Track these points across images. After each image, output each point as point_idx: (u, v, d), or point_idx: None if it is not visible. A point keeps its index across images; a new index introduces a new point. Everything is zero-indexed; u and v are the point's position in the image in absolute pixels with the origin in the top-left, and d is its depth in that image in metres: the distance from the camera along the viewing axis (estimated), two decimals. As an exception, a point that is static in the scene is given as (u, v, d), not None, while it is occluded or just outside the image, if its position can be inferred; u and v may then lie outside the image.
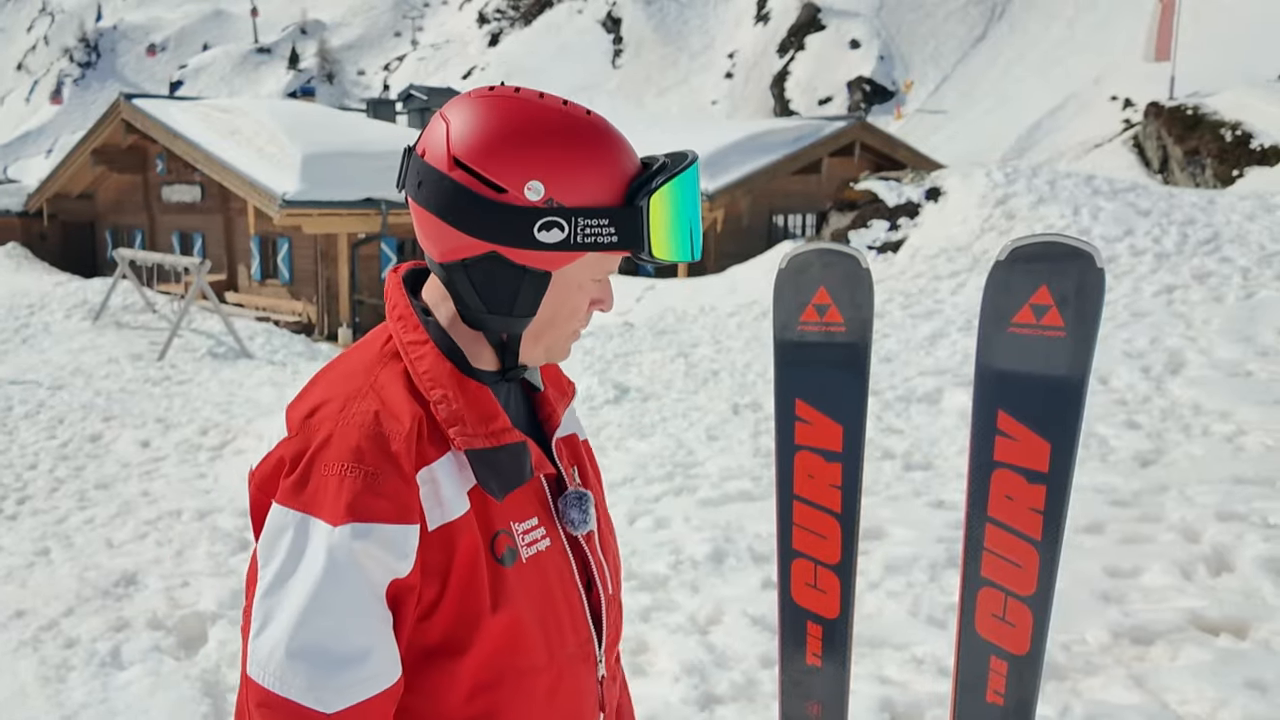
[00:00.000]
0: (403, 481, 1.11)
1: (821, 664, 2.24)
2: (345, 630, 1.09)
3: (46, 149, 53.82)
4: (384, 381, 1.19)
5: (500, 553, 1.19)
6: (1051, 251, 1.81)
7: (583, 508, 1.30)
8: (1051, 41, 49.34)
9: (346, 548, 1.08)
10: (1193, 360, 7.58)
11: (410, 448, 1.13)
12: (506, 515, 1.21)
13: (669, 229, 1.19)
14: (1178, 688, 3.34)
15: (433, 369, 1.19)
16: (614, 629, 1.40)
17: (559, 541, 1.28)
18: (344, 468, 1.10)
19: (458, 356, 1.23)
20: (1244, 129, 21.96)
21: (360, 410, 1.15)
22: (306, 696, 1.07)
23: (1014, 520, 1.94)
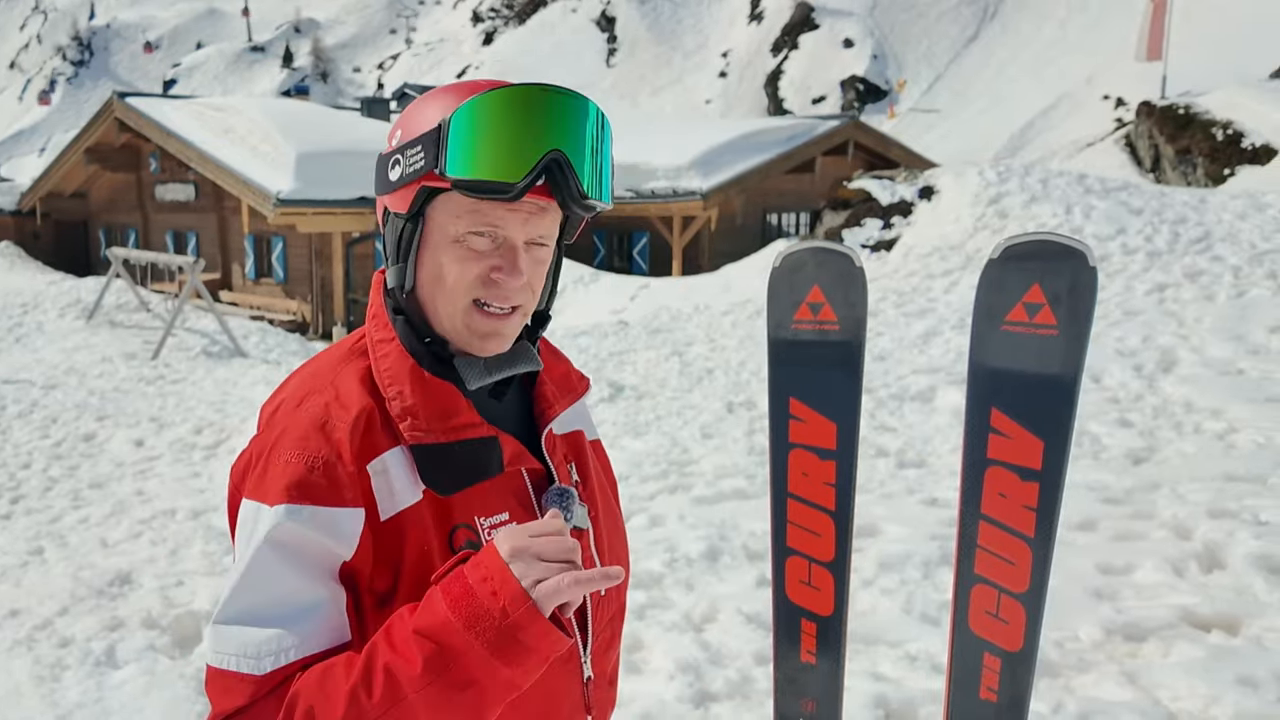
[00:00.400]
0: (344, 468, 1.14)
1: (816, 661, 2.25)
2: (279, 601, 1.11)
3: (40, 147, 53.60)
4: (344, 377, 1.23)
5: (458, 546, 1.19)
6: (1044, 250, 1.82)
7: (564, 504, 1.27)
8: (1044, 41, 49.40)
9: (281, 526, 1.11)
10: (1184, 358, 7.61)
11: (355, 437, 1.16)
12: (470, 509, 1.21)
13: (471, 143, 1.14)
14: (1170, 684, 3.36)
15: (394, 366, 1.22)
16: (606, 632, 1.37)
17: None
18: (290, 455, 1.15)
19: (429, 353, 1.25)
20: (1235, 128, 22.02)
21: (313, 404, 1.20)
22: (240, 663, 1.10)
23: (1007, 517, 1.95)
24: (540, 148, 1.14)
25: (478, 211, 1.17)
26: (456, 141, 1.15)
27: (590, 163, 1.18)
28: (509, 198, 1.15)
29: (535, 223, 1.20)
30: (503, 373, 1.27)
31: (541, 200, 1.18)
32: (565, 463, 1.34)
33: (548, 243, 1.24)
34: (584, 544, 1.31)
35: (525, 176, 1.13)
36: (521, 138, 1.14)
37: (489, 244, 1.19)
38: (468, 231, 1.18)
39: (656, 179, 20.52)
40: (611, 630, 1.39)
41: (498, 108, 1.15)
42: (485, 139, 1.14)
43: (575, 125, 1.17)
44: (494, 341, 1.23)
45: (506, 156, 1.14)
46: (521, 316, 1.25)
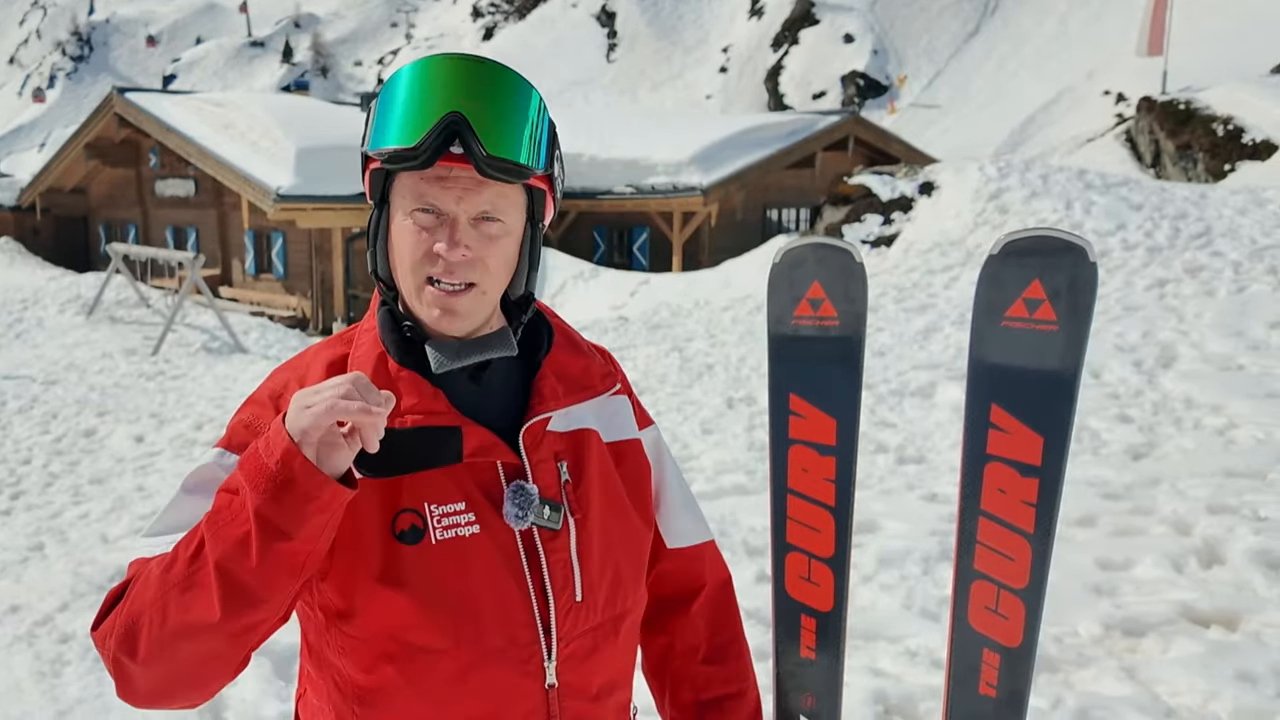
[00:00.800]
0: None
1: (815, 657, 2.25)
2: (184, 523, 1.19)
3: (39, 143, 53.60)
4: (316, 361, 1.29)
5: (400, 529, 1.21)
6: (1044, 246, 1.81)
7: (519, 502, 1.24)
8: (1044, 36, 49.36)
9: (206, 465, 1.23)
10: (1184, 354, 7.60)
11: None
12: (421, 495, 1.21)
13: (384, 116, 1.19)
14: (1169, 679, 3.36)
15: (364, 353, 1.26)
16: (585, 640, 1.30)
17: (498, 533, 1.24)
18: (239, 416, 1.27)
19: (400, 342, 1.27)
20: (1236, 124, 21.99)
21: (278, 379, 1.30)
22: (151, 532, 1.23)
23: (1007, 513, 1.95)
24: (439, 109, 1.16)
25: (417, 188, 1.20)
26: (378, 117, 1.20)
27: (498, 123, 1.18)
28: (418, 163, 1.17)
29: (473, 197, 1.20)
30: (473, 357, 1.25)
31: (474, 174, 1.19)
32: (554, 460, 1.30)
33: (501, 219, 1.22)
34: (557, 545, 1.28)
35: (424, 138, 1.15)
36: (424, 103, 1.17)
37: (433, 220, 1.20)
38: (412, 209, 1.21)
39: (656, 175, 20.51)
40: (594, 640, 1.32)
41: (407, 79, 1.19)
42: (394, 110, 1.18)
43: (478, 87, 1.18)
44: (450, 319, 1.23)
45: (409, 123, 1.17)
46: (480, 295, 1.23)
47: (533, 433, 1.28)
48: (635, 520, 1.39)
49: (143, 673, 1.13)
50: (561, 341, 1.38)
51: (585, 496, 1.32)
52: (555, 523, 1.27)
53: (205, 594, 1.07)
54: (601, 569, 1.32)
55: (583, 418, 1.36)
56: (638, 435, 1.45)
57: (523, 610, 1.25)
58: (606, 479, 1.36)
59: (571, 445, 1.33)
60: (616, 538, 1.35)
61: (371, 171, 1.24)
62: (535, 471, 1.27)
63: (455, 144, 1.17)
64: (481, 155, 1.16)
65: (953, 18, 55.25)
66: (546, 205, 1.30)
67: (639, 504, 1.41)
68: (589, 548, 1.31)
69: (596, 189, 20.73)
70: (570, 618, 1.29)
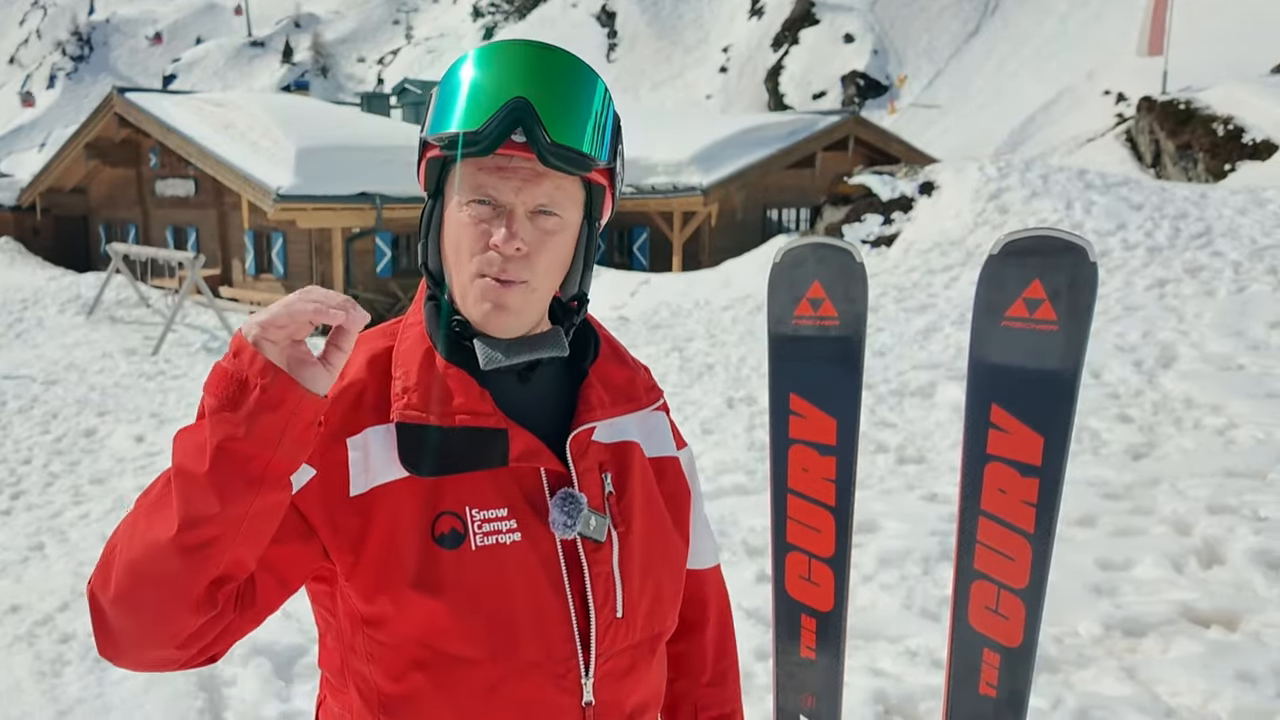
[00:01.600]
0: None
1: (816, 657, 2.25)
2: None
3: (40, 143, 53.62)
4: (358, 354, 1.24)
5: (440, 532, 1.17)
6: (1044, 246, 1.82)
7: (568, 510, 1.20)
8: (1044, 36, 49.34)
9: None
10: (1184, 354, 7.60)
11: (337, 407, 1.18)
12: (463, 498, 1.18)
13: (447, 102, 1.16)
14: (1169, 679, 3.36)
15: (410, 348, 1.23)
16: (624, 658, 1.27)
17: (540, 542, 1.21)
18: None
19: (448, 338, 1.24)
20: (1236, 123, 21.99)
21: None
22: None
23: (1007, 513, 1.95)
24: (505, 94, 1.13)
25: (475, 178, 1.17)
26: (439, 103, 1.18)
27: (564, 111, 1.15)
28: (480, 149, 1.13)
29: (532, 189, 1.16)
30: (522, 356, 1.22)
31: (536, 164, 1.16)
32: (599, 471, 1.27)
33: (559, 213, 1.19)
34: (600, 558, 1.24)
35: (487, 122, 1.12)
36: (488, 88, 1.14)
37: (490, 212, 1.17)
38: (469, 199, 1.17)
39: (657, 174, 20.51)
40: (632, 659, 1.29)
41: (472, 65, 1.16)
42: (456, 95, 1.15)
43: (544, 73, 1.15)
44: (500, 316, 1.19)
45: (472, 107, 1.14)
46: (530, 293, 1.19)
47: (579, 441, 1.25)
48: (675, 538, 1.36)
49: (113, 611, 1.09)
50: (608, 351, 1.35)
51: (629, 509, 1.29)
52: (600, 534, 1.23)
53: (167, 510, 1.03)
54: (643, 585, 1.29)
55: (626, 430, 1.33)
56: (676, 454, 1.42)
57: (561, 623, 1.22)
58: (649, 493, 1.33)
59: (615, 457, 1.30)
60: (658, 554, 1.32)
61: (428, 160, 1.21)
62: (581, 481, 1.24)
63: (517, 133, 1.13)
64: (546, 143, 1.13)
65: (953, 18, 55.24)
66: (605, 203, 1.26)
67: (678, 522, 1.38)
68: (631, 563, 1.27)
69: (596, 188, 20.72)
70: (610, 634, 1.25)
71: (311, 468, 1.16)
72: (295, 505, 1.16)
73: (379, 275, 20.52)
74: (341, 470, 1.17)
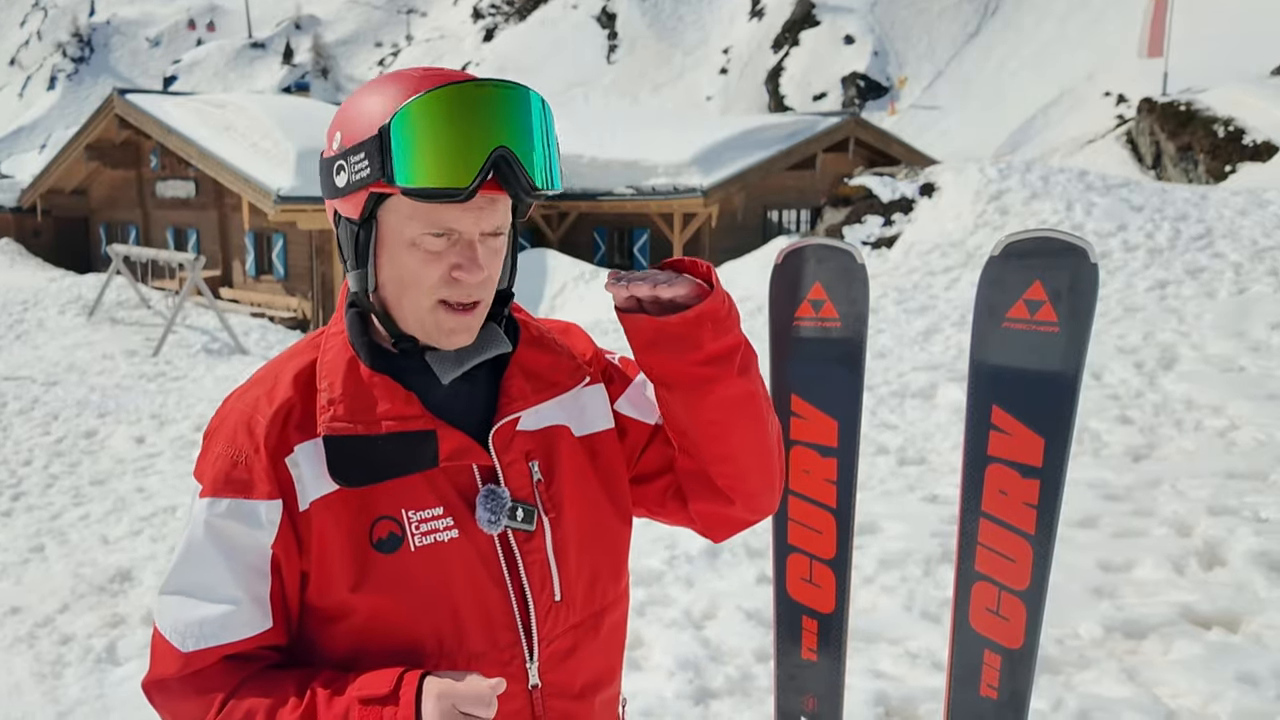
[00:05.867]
0: (260, 462, 1.20)
1: (817, 658, 2.25)
2: (206, 585, 1.21)
3: (40, 144, 53.58)
4: (285, 371, 1.27)
5: (378, 537, 1.20)
6: (1045, 247, 1.81)
7: (491, 507, 1.24)
8: (1045, 38, 49.34)
9: (206, 516, 1.21)
10: (1185, 355, 7.60)
11: (273, 432, 1.21)
12: (399, 501, 1.21)
13: (417, 150, 1.12)
14: (1170, 681, 3.36)
15: (333, 360, 1.25)
16: (565, 640, 1.31)
17: (476, 536, 1.24)
18: (219, 448, 1.24)
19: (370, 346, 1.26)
20: (1236, 125, 22.00)
21: (249, 396, 1.27)
22: (171, 635, 1.22)
23: (1008, 515, 1.95)
24: (485, 147, 1.13)
25: (430, 213, 1.17)
26: (401, 149, 1.13)
27: (539, 153, 1.17)
28: (460, 199, 1.14)
29: (489, 216, 1.19)
30: (474, 360, 1.26)
31: (493, 194, 1.17)
32: (525, 461, 1.30)
33: (503, 231, 1.23)
34: (533, 547, 1.28)
35: (474, 179, 1.13)
36: (466, 139, 1.13)
37: (445, 243, 1.19)
38: (423, 233, 1.18)
39: (657, 176, 20.49)
40: (575, 639, 1.33)
41: (438, 109, 1.13)
42: (429, 144, 1.13)
43: (518, 118, 1.16)
44: (462, 336, 1.24)
45: (453, 160, 1.12)
46: (484, 307, 1.25)
47: (502, 434, 1.28)
48: (610, 515, 1.38)
49: None
50: (528, 338, 1.36)
51: (558, 495, 1.32)
52: (529, 524, 1.27)
53: None
54: (579, 566, 1.33)
55: (552, 414, 1.35)
56: (610, 426, 1.42)
57: (503, 613, 1.26)
58: (580, 475, 1.35)
59: (543, 443, 1.33)
60: (592, 534, 1.35)
61: (370, 193, 1.18)
62: (507, 473, 1.27)
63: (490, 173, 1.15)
64: (526, 187, 1.16)
65: (953, 19, 55.24)
66: (531, 207, 1.30)
67: (614, 498, 1.39)
68: (565, 546, 1.31)
69: (597, 190, 20.71)
70: (550, 618, 1.29)
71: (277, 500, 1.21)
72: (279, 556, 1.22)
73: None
74: (290, 490, 1.22)
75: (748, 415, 1.34)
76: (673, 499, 1.44)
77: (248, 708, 1.17)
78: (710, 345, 1.27)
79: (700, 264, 1.29)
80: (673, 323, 1.26)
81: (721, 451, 1.36)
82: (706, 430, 1.34)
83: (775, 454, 1.42)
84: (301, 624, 1.27)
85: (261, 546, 1.20)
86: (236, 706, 1.17)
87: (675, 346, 1.27)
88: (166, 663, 1.22)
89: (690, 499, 1.42)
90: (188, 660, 1.20)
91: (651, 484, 1.44)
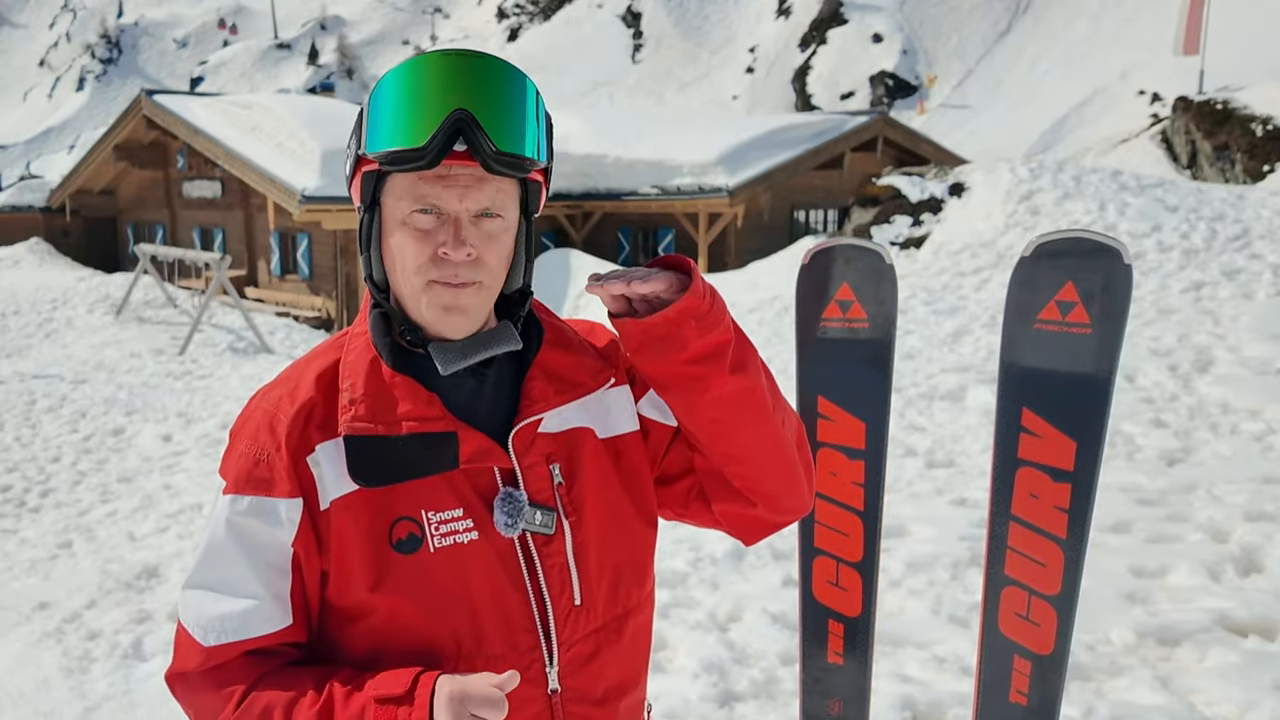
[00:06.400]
0: (281, 461, 1.21)
1: (843, 662, 2.22)
2: (228, 581, 1.22)
3: (69, 145, 54.25)
4: (309, 371, 1.28)
5: (398, 538, 1.21)
6: (1078, 247, 1.78)
7: (509, 510, 1.23)
8: (1077, 35, 48.91)
9: (229, 514, 1.22)
10: (1221, 358, 7.49)
11: (295, 432, 1.22)
12: (418, 502, 1.21)
13: (383, 117, 1.17)
14: (1205, 689, 3.30)
15: (356, 360, 1.26)
16: (587, 644, 1.30)
17: (496, 539, 1.23)
18: (242, 446, 1.25)
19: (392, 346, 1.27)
20: (1275, 123, 21.66)
21: (273, 395, 1.28)
22: (194, 629, 1.23)
23: (1038, 519, 1.92)
24: (443, 108, 1.15)
25: (414, 188, 1.19)
26: (373, 119, 1.18)
27: (504, 118, 1.17)
28: (424, 164, 1.15)
29: (475, 195, 1.19)
30: (478, 354, 1.24)
31: (476, 170, 1.18)
32: (546, 463, 1.28)
33: (500, 214, 1.21)
34: (552, 550, 1.27)
35: (431, 138, 1.14)
36: (427, 102, 1.15)
37: (433, 221, 1.19)
38: (411, 211, 1.20)
39: (682, 175, 20.46)
40: (596, 643, 1.31)
41: (405, 78, 1.18)
42: (394, 110, 1.17)
43: (480, 83, 1.17)
44: (457, 316, 1.21)
45: (412, 123, 1.15)
46: (482, 291, 1.22)
47: (522, 436, 1.27)
48: (633, 518, 1.36)
49: None
50: (551, 338, 1.35)
51: (579, 498, 1.30)
52: (548, 527, 1.26)
53: None
54: (600, 570, 1.31)
55: (576, 417, 1.33)
56: (635, 428, 1.39)
57: (523, 616, 1.25)
58: (602, 478, 1.33)
59: (564, 446, 1.31)
60: (614, 537, 1.33)
61: (363, 174, 1.22)
62: (527, 476, 1.26)
63: (459, 143, 1.15)
64: (490, 152, 1.15)
65: (983, 17, 54.90)
66: (540, 197, 1.29)
67: (638, 501, 1.37)
68: (585, 550, 1.30)
69: (621, 190, 20.70)
70: (570, 622, 1.28)
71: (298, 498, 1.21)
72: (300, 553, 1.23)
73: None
74: (312, 488, 1.22)
75: (750, 412, 1.31)
76: (697, 500, 1.41)
77: (266, 702, 1.17)
78: (696, 343, 1.23)
79: (685, 261, 1.26)
80: (655, 322, 1.23)
81: (729, 451, 1.34)
82: (709, 429, 1.32)
83: (791, 452, 1.38)
84: (322, 623, 1.27)
85: (282, 544, 1.21)
86: (256, 700, 1.18)
87: (661, 347, 1.25)
88: (189, 656, 1.23)
89: (713, 500, 1.40)
90: (209, 654, 1.21)
91: (675, 485, 1.42)
